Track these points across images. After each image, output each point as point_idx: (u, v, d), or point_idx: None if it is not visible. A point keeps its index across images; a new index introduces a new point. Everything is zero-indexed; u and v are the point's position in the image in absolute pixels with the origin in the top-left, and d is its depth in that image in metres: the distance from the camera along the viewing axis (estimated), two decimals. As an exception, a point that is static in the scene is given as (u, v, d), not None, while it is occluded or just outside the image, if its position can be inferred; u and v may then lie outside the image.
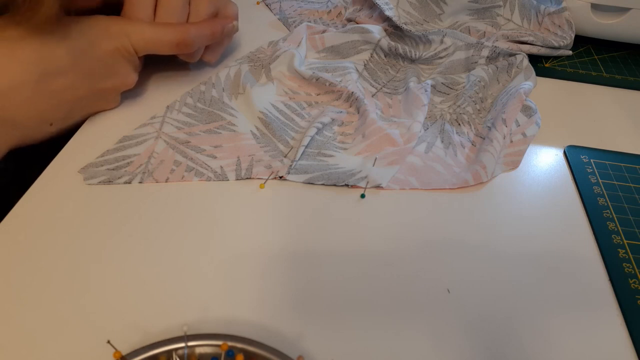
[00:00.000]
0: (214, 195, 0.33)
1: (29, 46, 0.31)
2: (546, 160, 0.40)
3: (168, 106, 0.39)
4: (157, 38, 0.36)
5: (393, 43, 0.47)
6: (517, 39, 0.50)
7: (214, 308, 0.27)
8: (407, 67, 0.47)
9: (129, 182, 0.33)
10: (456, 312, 0.28)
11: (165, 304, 0.27)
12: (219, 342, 0.23)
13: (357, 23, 0.51)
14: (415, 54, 0.47)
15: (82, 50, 0.33)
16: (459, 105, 0.43)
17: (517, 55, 0.48)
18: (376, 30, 0.48)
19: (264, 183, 0.34)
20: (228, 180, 0.35)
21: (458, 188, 0.36)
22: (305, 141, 0.37)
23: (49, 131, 0.35)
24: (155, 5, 0.37)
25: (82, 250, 0.29)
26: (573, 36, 0.51)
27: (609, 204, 0.36)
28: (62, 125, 0.36)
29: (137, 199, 0.33)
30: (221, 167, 0.35)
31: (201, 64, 0.44)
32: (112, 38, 0.34)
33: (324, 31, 0.49)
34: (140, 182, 0.34)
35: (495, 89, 0.46)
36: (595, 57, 0.54)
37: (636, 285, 0.30)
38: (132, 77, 0.37)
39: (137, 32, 0.35)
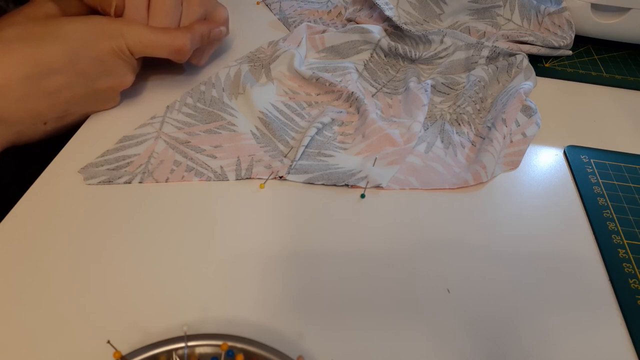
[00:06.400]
0: (214, 195, 0.34)
1: (23, 46, 0.31)
2: (546, 160, 0.40)
3: (168, 106, 0.39)
4: (156, 42, 0.36)
5: (393, 43, 0.47)
6: (517, 39, 0.50)
7: (214, 308, 0.27)
8: (407, 67, 0.47)
9: (129, 182, 0.33)
10: (456, 312, 0.28)
11: (165, 304, 0.27)
12: (219, 342, 0.23)
13: (357, 23, 0.51)
14: (415, 54, 0.47)
15: (78, 50, 0.33)
16: (459, 105, 0.43)
17: (517, 55, 0.48)
18: (376, 30, 0.48)
19: (264, 183, 0.34)
20: (228, 180, 0.35)
21: (458, 188, 0.36)
22: (305, 141, 0.37)
23: (44, 130, 0.35)
24: (149, 6, 0.37)
25: (82, 250, 0.29)
26: (573, 36, 0.51)
27: (609, 204, 0.36)
28: (58, 124, 0.36)
29: (137, 199, 0.33)
30: (221, 167, 0.35)
31: (201, 65, 0.44)
32: (108, 38, 0.34)
33: (324, 31, 0.49)
34: (140, 182, 0.34)
35: (495, 89, 0.46)
36: (595, 57, 0.54)
37: (636, 285, 0.30)
38: (129, 77, 0.37)
39: (134, 34, 0.35)
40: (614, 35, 0.53)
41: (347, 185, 0.35)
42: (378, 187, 0.35)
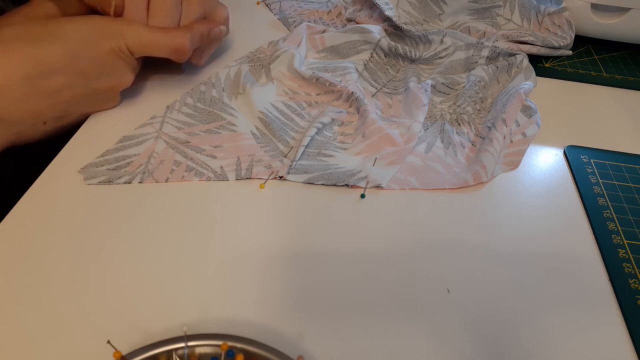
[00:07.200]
0: (214, 195, 0.33)
1: (23, 46, 0.31)
2: (546, 160, 0.40)
3: (168, 106, 0.39)
4: (155, 42, 0.36)
5: (393, 43, 0.47)
6: (517, 39, 0.50)
7: (214, 308, 0.27)
8: (407, 67, 0.47)
9: (129, 182, 0.33)
10: (456, 312, 0.28)
11: (165, 304, 0.27)
12: (219, 342, 0.23)
13: (357, 23, 0.51)
14: (415, 54, 0.47)
15: (78, 50, 0.33)
16: (459, 105, 0.43)
17: (517, 55, 0.48)
18: (376, 30, 0.48)
19: (264, 183, 0.34)
20: (228, 180, 0.35)
21: (458, 188, 0.36)
22: (305, 141, 0.37)
23: (44, 130, 0.35)
24: (148, 6, 0.37)
25: (82, 250, 0.29)
26: (573, 36, 0.51)
27: (609, 204, 0.36)
28: (58, 124, 0.36)
29: (137, 199, 0.33)
30: (221, 167, 0.35)
31: (201, 65, 0.44)
32: (108, 38, 0.34)
33: (324, 31, 0.49)
34: (140, 182, 0.34)
35: (495, 89, 0.46)
36: (595, 57, 0.54)
37: (636, 285, 0.30)
38: (129, 77, 0.37)
39: (133, 34, 0.35)
40: (614, 35, 0.53)
41: (347, 185, 0.35)
42: (378, 187, 0.35)
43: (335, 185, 0.35)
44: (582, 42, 0.55)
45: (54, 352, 0.25)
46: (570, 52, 0.52)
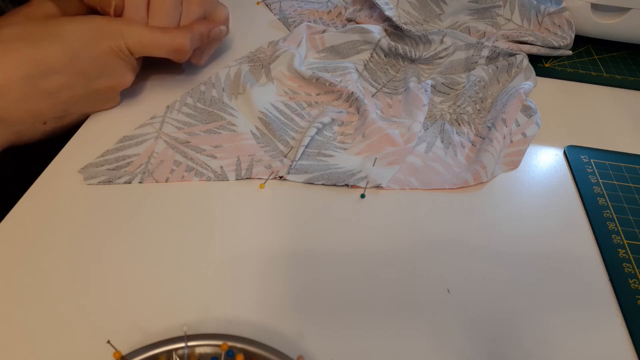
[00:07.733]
0: (214, 195, 0.34)
1: (23, 46, 0.31)
2: (546, 160, 0.40)
3: (168, 106, 0.39)
4: (155, 42, 0.35)
5: (393, 43, 0.47)
6: (517, 39, 0.50)
7: (214, 308, 0.27)
8: (407, 67, 0.47)
9: (129, 182, 0.33)
10: (456, 312, 0.28)
11: (165, 304, 0.27)
12: (219, 342, 0.23)
13: (357, 23, 0.51)
14: (415, 54, 0.47)
15: (78, 50, 0.33)
16: (459, 105, 0.43)
17: (517, 55, 0.48)
18: (376, 30, 0.48)
19: (264, 183, 0.34)
20: (228, 180, 0.35)
21: (458, 188, 0.36)
22: (305, 141, 0.37)
23: (43, 130, 0.35)
24: (148, 6, 0.37)
25: (82, 250, 0.29)
26: (573, 36, 0.51)
27: (609, 204, 0.36)
28: (58, 124, 0.36)
29: (137, 199, 0.33)
30: (221, 167, 0.35)
31: (201, 65, 0.44)
32: (108, 38, 0.34)
33: (324, 31, 0.49)
34: (140, 182, 0.34)
35: (495, 89, 0.46)
36: (595, 57, 0.54)
37: (636, 285, 0.30)
38: (129, 77, 0.37)
39: (133, 34, 0.35)
40: (614, 35, 0.53)
41: (347, 185, 0.35)
42: (378, 187, 0.35)
43: (335, 185, 0.35)
44: (582, 42, 0.55)
45: (54, 352, 0.25)
46: (570, 52, 0.53)
